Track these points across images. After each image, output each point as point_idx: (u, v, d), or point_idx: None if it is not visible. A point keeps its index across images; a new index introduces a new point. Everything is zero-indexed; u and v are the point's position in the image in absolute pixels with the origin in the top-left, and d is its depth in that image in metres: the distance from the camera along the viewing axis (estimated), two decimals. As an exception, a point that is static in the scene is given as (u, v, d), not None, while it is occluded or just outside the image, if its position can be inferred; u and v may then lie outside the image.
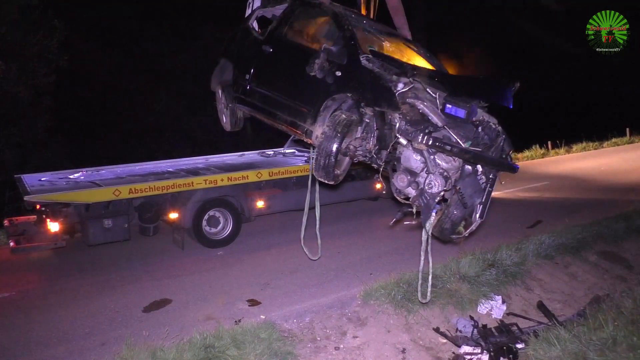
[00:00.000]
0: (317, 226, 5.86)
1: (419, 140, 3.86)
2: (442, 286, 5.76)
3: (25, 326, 5.35)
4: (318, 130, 4.57)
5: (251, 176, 8.15)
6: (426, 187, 4.00)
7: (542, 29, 26.54)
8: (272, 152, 10.62)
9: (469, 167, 4.13)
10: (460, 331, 5.19)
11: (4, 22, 13.30)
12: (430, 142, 3.82)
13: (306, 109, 4.80)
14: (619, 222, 8.26)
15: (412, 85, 4.14)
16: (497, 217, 9.42)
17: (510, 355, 4.66)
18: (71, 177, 8.24)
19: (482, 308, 5.65)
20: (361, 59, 4.39)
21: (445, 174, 4.02)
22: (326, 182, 4.49)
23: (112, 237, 7.33)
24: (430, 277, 4.36)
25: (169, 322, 5.26)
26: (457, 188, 4.15)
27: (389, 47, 5.11)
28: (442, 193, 4.05)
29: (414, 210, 4.23)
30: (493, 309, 5.65)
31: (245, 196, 8.28)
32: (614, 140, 19.94)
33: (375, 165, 4.51)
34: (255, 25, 6.05)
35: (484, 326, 5.22)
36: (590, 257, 7.24)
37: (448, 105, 3.91)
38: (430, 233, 4.18)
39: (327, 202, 9.53)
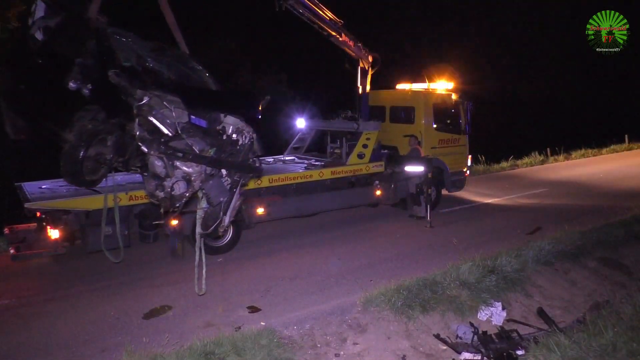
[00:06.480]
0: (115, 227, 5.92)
1: (154, 148, 4.22)
2: (442, 292, 5.77)
3: (25, 333, 5.35)
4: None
5: (250, 183, 8.15)
6: (170, 190, 4.35)
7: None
8: (272, 160, 10.64)
9: (212, 171, 4.50)
10: (461, 337, 5.18)
11: (3, 29, 13.36)
12: (162, 150, 4.17)
13: (65, 119, 4.97)
14: (619, 228, 8.27)
15: (150, 99, 4.41)
16: (497, 224, 9.45)
17: (511, 362, 4.67)
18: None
19: (482, 314, 5.66)
20: (109, 73, 4.60)
21: (187, 177, 4.36)
22: (77, 186, 4.80)
23: (112, 244, 7.32)
24: (204, 272, 4.70)
25: (169, 329, 5.26)
26: (203, 190, 4.56)
27: (153, 64, 5.17)
28: (187, 194, 4.41)
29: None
30: (493, 315, 5.65)
31: (245, 203, 8.27)
32: (612, 147, 20.00)
33: (131, 171, 4.85)
34: (39, 34, 5.56)
35: (484, 332, 5.22)
36: (589, 264, 7.25)
37: (192, 116, 4.37)
38: (201, 231, 4.66)
39: (327, 209, 9.57)
